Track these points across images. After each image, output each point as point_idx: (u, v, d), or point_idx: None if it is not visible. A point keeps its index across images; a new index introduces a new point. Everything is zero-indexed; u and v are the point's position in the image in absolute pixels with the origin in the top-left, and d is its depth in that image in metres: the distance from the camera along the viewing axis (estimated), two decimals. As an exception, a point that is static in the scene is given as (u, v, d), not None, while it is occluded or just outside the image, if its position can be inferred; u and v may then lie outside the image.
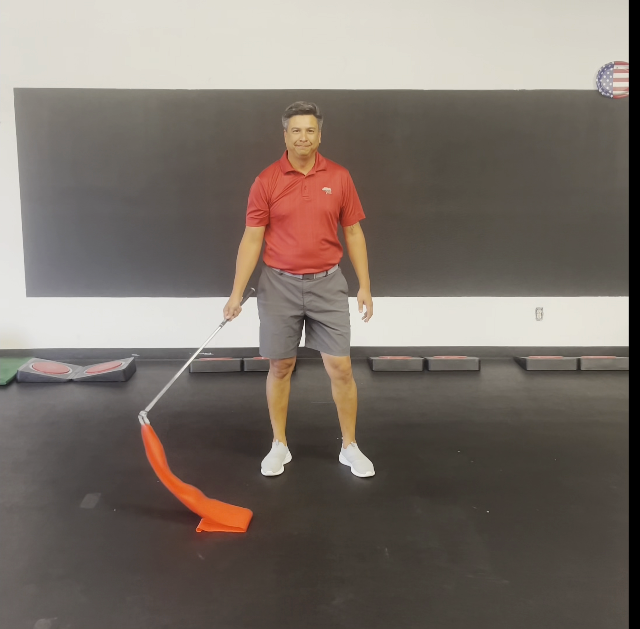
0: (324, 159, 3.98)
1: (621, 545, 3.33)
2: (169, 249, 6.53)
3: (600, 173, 6.54)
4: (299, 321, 4.08)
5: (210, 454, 4.44)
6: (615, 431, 4.84)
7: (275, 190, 3.90)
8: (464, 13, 6.31)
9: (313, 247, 3.92)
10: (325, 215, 3.92)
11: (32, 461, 4.33)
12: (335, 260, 4.04)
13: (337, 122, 6.15)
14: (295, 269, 3.96)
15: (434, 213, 6.56)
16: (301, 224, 3.90)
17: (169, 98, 6.32)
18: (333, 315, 4.01)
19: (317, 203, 3.90)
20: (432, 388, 5.90)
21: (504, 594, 2.97)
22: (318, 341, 4.09)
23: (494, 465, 4.29)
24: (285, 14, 6.25)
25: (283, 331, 4.03)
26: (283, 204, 3.89)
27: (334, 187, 3.93)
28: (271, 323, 4.05)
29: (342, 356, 4.04)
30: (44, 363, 6.21)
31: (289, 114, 3.85)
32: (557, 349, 6.68)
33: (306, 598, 2.95)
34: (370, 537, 3.42)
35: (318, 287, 3.99)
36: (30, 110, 6.29)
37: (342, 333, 4.02)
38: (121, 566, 3.19)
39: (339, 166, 4.02)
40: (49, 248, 6.50)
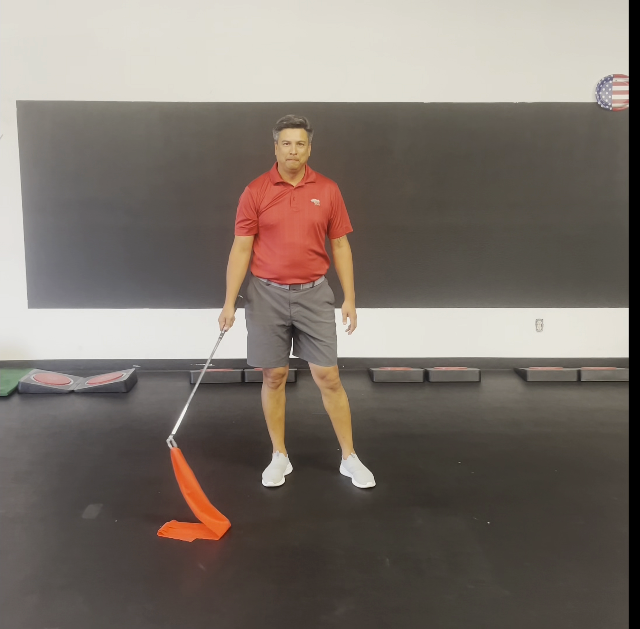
0: (314, 172, 4.03)
1: (621, 555, 3.33)
2: (171, 260, 6.55)
3: (599, 185, 6.57)
4: (287, 331, 4.10)
5: (210, 465, 4.44)
6: (615, 442, 4.85)
7: (264, 199, 3.94)
8: (463, 26, 6.35)
9: (300, 257, 3.96)
10: (313, 226, 3.96)
11: (33, 472, 4.34)
12: (322, 271, 4.08)
13: (338, 134, 6.19)
14: (281, 279, 3.99)
15: (434, 224, 6.58)
16: (289, 234, 3.93)
17: (170, 110, 6.35)
18: (319, 326, 4.04)
19: (306, 214, 3.94)
20: (432, 399, 5.91)
21: (504, 604, 2.97)
22: (305, 351, 4.12)
23: (495, 475, 4.30)
24: (286, 26, 6.29)
25: (272, 341, 4.06)
26: (271, 214, 3.93)
27: (322, 199, 3.98)
28: (260, 333, 4.07)
29: (329, 367, 4.07)
30: (46, 374, 6.22)
31: (279, 127, 3.90)
32: (557, 360, 6.69)
33: (307, 609, 2.95)
34: (371, 548, 3.42)
35: (304, 297, 4.02)
36: (33, 123, 6.33)
37: (328, 344, 4.06)
38: (123, 576, 3.19)
39: (328, 179, 4.08)
40: (50, 260, 6.52)
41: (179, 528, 3.60)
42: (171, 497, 3.89)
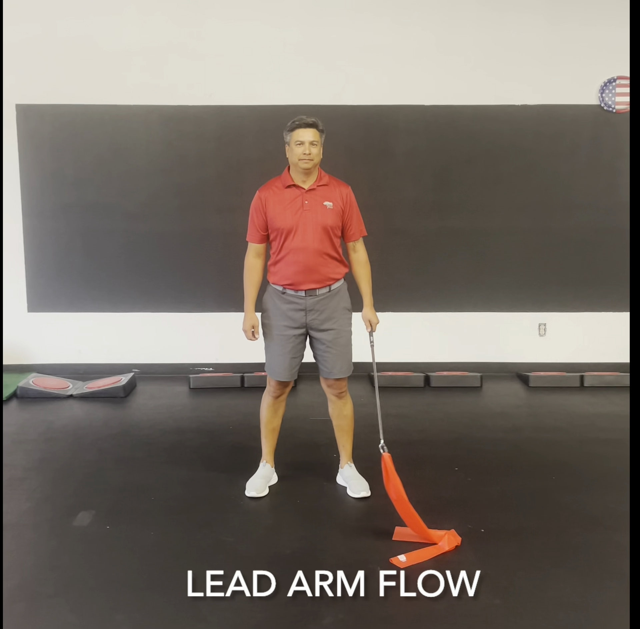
0: (326, 175, 3.95)
1: (616, 565, 3.28)
2: (170, 264, 6.53)
3: (602, 188, 6.52)
4: (302, 341, 4.03)
5: (206, 471, 4.40)
6: (615, 448, 4.78)
7: (275, 204, 3.87)
8: (465, 28, 6.32)
9: (314, 261, 3.87)
10: (325, 229, 3.87)
11: (27, 478, 4.31)
12: (338, 275, 3.98)
13: (339, 137, 6.14)
14: (296, 285, 3.91)
15: (435, 228, 6.54)
16: (302, 239, 3.85)
17: (170, 113, 6.34)
18: (332, 334, 3.97)
19: (318, 217, 3.86)
20: (433, 404, 5.87)
21: (495, 614, 2.92)
22: (318, 358, 4.06)
23: (491, 482, 4.25)
24: (286, 29, 6.27)
25: (287, 352, 3.98)
26: (283, 218, 3.85)
27: (335, 201, 3.90)
28: (274, 344, 4.01)
29: (340, 377, 4.02)
30: (44, 378, 6.21)
31: (292, 128, 3.83)
32: (560, 365, 6.64)
33: (295, 618, 2.91)
34: (362, 556, 3.37)
35: (321, 303, 3.94)
36: (32, 126, 6.33)
37: (340, 353, 3.97)
38: (112, 584, 3.16)
39: (342, 182, 3.99)
40: (50, 264, 6.51)
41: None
42: (165, 504, 3.90)
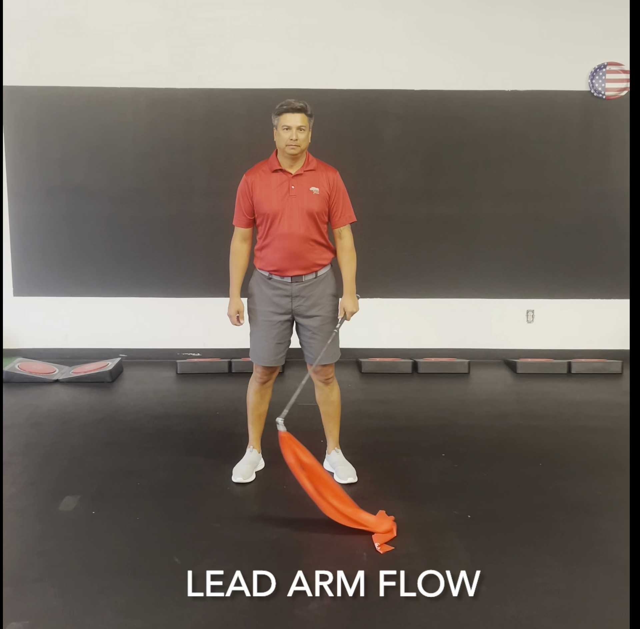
0: (315, 159, 3.91)
1: (601, 552, 3.30)
2: (158, 249, 6.49)
3: (592, 175, 6.50)
4: (288, 327, 4.00)
5: (192, 456, 4.39)
6: (602, 436, 4.80)
7: (261, 188, 3.83)
8: (455, 13, 6.27)
9: (299, 247, 3.84)
10: (311, 215, 3.84)
11: (12, 463, 4.29)
12: (324, 260, 3.95)
13: (327, 122, 6.09)
14: (282, 271, 3.88)
15: (424, 214, 6.52)
16: (287, 224, 3.82)
17: (157, 96, 6.28)
18: (318, 320, 3.94)
19: (304, 202, 3.82)
20: (420, 390, 5.86)
21: (480, 600, 2.93)
22: (303, 344, 4.04)
23: (478, 469, 4.25)
24: (275, 13, 6.21)
25: (272, 338, 3.96)
26: (269, 203, 3.82)
27: (321, 186, 3.86)
28: (260, 329, 3.99)
29: (327, 363, 4.00)
30: (31, 363, 6.17)
31: (279, 112, 3.77)
32: (548, 352, 6.64)
33: (281, 603, 2.91)
34: (349, 542, 3.38)
35: (307, 290, 3.91)
36: (18, 109, 6.25)
37: (325, 339, 3.93)
38: (97, 569, 3.16)
39: (329, 167, 3.95)
40: (36, 248, 6.46)
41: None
42: (151, 489, 3.89)
